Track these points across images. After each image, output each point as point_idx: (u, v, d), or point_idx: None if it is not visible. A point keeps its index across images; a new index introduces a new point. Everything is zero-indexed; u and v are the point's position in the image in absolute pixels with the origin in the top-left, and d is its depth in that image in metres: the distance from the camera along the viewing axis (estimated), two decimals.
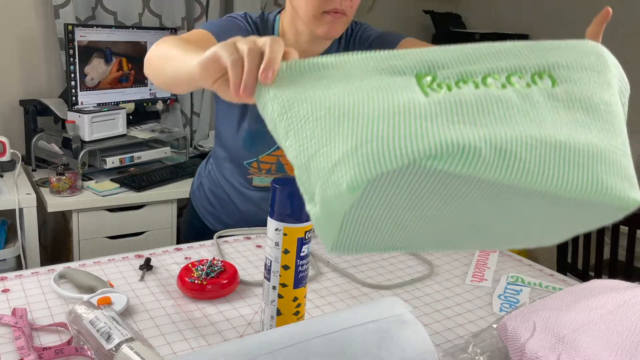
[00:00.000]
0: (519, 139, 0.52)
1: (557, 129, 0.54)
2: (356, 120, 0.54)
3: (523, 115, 0.55)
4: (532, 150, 0.52)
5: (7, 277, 0.93)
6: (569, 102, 0.57)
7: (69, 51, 2.07)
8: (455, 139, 0.50)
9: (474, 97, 0.55)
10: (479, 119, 0.54)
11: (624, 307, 0.73)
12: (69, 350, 0.72)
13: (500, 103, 0.55)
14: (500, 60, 0.60)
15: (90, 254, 1.97)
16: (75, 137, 2.01)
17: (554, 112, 0.56)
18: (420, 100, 0.55)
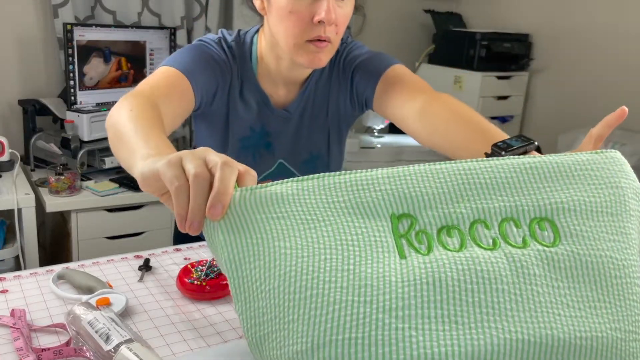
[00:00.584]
0: (506, 346, 0.44)
1: (555, 321, 0.46)
2: (314, 305, 0.46)
3: (514, 301, 0.46)
4: (520, 358, 0.45)
5: (5, 277, 0.92)
6: (573, 271, 0.48)
7: (68, 50, 2.07)
8: (431, 355, 0.43)
9: (457, 272, 0.47)
10: (459, 312, 0.45)
11: None
12: (67, 351, 0.72)
13: (487, 283, 0.47)
14: (495, 196, 0.51)
15: (89, 254, 1.97)
16: (74, 137, 2.01)
17: (554, 290, 0.47)
18: (392, 280, 0.46)
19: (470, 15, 3.17)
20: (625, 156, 2.06)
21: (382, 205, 0.50)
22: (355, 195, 0.51)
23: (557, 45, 2.84)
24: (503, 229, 0.50)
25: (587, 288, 0.48)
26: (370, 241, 0.49)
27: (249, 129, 1.08)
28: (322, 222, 0.50)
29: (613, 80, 2.64)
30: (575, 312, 0.47)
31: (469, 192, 0.51)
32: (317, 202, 0.51)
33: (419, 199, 0.50)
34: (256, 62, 1.07)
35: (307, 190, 0.51)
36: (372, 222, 0.49)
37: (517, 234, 0.49)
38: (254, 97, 1.07)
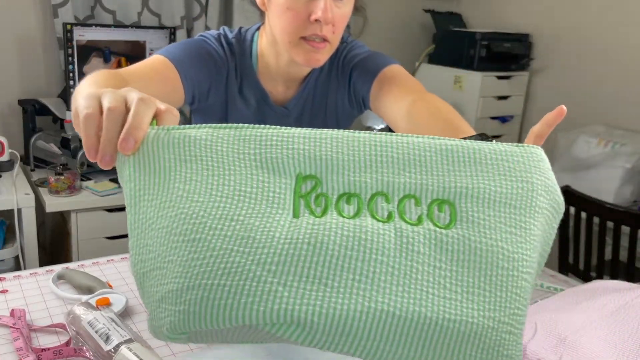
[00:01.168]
0: (369, 314, 0.45)
1: (427, 299, 0.46)
2: (194, 249, 0.47)
3: (390, 273, 0.46)
4: (381, 329, 0.45)
5: (5, 277, 0.92)
6: (459, 255, 0.48)
7: (68, 50, 2.07)
8: (291, 311, 0.44)
9: (340, 237, 0.47)
10: (331, 276, 0.46)
11: (626, 308, 0.73)
12: (67, 351, 0.72)
13: (367, 252, 0.47)
14: (403, 171, 0.51)
15: (89, 254, 1.97)
16: (74, 137, 2.00)
17: (434, 270, 0.47)
18: (276, 235, 0.47)
19: (470, 15, 3.17)
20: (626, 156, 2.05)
21: (290, 164, 0.50)
22: (267, 150, 0.51)
23: (557, 45, 2.84)
24: (402, 205, 0.50)
25: (469, 274, 0.47)
26: (267, 196, 0.49)
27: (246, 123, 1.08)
28: (226, 171, 0.50)
29: (613, 80, 2.64)
30: (451, 295, 0.46)
31: (378, 164, 0.51)
32: (227, 150, 0.51)
33: (328, 162, 0.51)
34: (256, 59, 1.07)
35: (221, 138, 0.51)
36: (277, 179, 0.50)
37: (414, 211, 0.50)
38: (253, 94, 1.07)
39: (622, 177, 2.23)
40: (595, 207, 1.90)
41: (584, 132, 2.48)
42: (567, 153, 2.47)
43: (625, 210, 1.82)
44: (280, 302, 0.45)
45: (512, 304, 0.47)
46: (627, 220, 1.81)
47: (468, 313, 0.46)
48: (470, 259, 0.48)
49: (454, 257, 0.48)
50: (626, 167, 2.22)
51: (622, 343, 0.66)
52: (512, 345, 0.47)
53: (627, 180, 2.24)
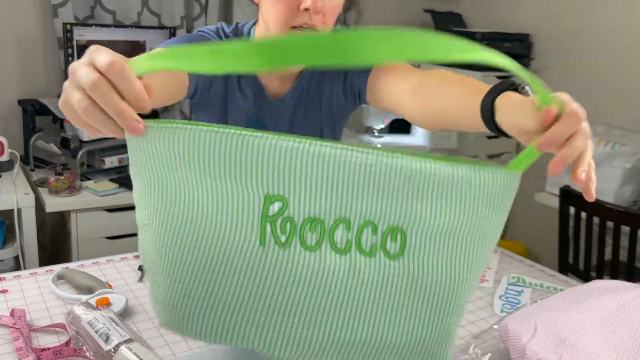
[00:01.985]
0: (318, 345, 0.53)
1: (370, 326, 0.53)
2: (178, 266, 0.52)
3: (341, 307, 0.53)
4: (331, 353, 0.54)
5: (5, 277, 0.92)
6: (403, 285, 0.53)
7: (68, 50, 2.07)
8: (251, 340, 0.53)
9: (302, 276, 0.52)
10: (292, 309, 0.52)
11: (626, 308, 0.73)
12: (67, 351, 0.72)
13: (325, 291, 0.52)
14: (366, 196, 0.52)
15: (88, 254, 1.97)
16: (74, 137, 2.00)
17: (379, 300, 0.53)
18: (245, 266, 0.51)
19: (470, 15, 3.17)
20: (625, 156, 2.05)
21: (260, 183, 0.52)
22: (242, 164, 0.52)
23: (557, 45, 2.84)
24: (360, 233, 0.53)
25: (410, 300, 0.53)
26: (239, 217, 0.52)
27: (245, 118, 1.09)
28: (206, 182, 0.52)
29: (613, 81, 2.64)
30: (392, 319, 0.53)
31: (343, 186, 0.52)
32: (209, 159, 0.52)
33: (296, 182, 0.52)
34: None
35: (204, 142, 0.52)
36: (247, 198, 0.52)
37: (370, 240, 0.53)
38: (250, 87, 1.08)
39: (622, 177, 2.23)
40: (595, 207, 1.90)
41: None
42: None
43: (625, 210, 1.82)
44: (244, 332, 0.53)
45: (444, 322, 0.55)
46: (627, 220, 1.81)
47: (404, 334, 0.54)
48: (412, 287, 0.53)
49: (398, 286, 0.53)
50: (626, 167, 2.22)
51: (622, 343, 0.66)
52: (440, 351, 0.56)
53: (627, 180, 2.24)
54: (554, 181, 2.45)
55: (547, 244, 2.99)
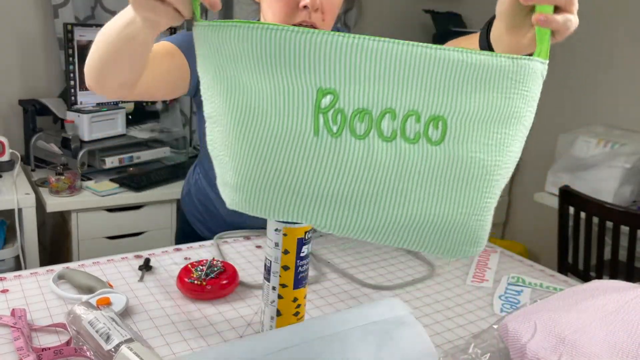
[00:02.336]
0: (369, 229, 0.60)
1: (416, 206, 0.59)
2: (245, 152, 0.58)
3: (389, 190, 0.58)
4: (381, 221, 0.59)
5: (6, 277, 0.93)
6: (444, 167, 0.59)
7: (68, 51, 2.07)
8: (312, 219, 0.59)
9: (354, 162, 0.57)
10: (346, 193, 0.58)
11: (626, 308, 0.73)
12: (68, 351, 0.72)
13: (374, 175, 0.58)
14: (410, 87, 0.57)
15: (89, 254, 1.97)
16: (75, 137, 2.01)
17: (423, 182, 0.59)
18: (302, 154, 0.57)
19: (470, 15, 3.17)
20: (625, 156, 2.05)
21: (314, 77, 0.56)
22: (296, 60, 0.56)
23: (557, 45, 2.84)
24: (404, 122, 0.57)
25: (450, 181, 0.58)
26: (295, 108, 0.56)
27: None
28: (267, 76, 0.57)
29: (613, 80, 2.64)
30: (435, 200, 0.59)
31: (390, 78, 0.56)
32: (266, 53, 0.56)
33: (347, 76, 0.56)
34: None
35: (260, 39, 0.56)
36: (302, 91, 0.56)
37: (414, 128, 0.58)
38: None
39: (622, 177, 2.23)
40: (594, 207, 1.90)
41: (583, 132, 2.48)
42: (567, 153, 2.47)
43: (625, 210, 1.82)
44: (304, 212, 0.59)
45: (482, 200, 0.60)
46: (627, 220, 1.81)
47: (446, 212, 0.59)
48: (452, 169, 0.58)
49: (440, 169, 0.58)
50: (626, 167, 2.22)
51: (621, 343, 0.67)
52: (479, 229, 0.61)
53: (626, 180, 2.24)
54: (554, 181, 2.45)
55: (546, 244, 2.99)
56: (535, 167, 3.03)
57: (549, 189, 2.48)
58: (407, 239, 0.61)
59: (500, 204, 3.14)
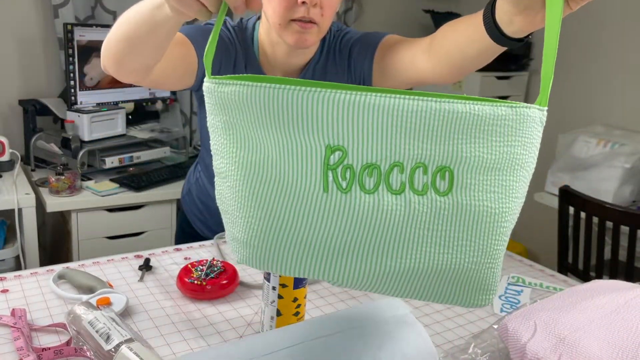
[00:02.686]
0: (379, 275, 0.60)
1: (425, 257, 0.60)
2: (254, 211, 0.59)
3: (398, 242, 0.59)
4: (390, 281, 0.61)
5: (6, 277, 0.93)
6: (452, 218, 0.59)
7: (68, 51, 2.07)
8: (320, 273, 0.61)
9: (363, 217, 0.58)
10: (355, 246, 0.59)
11: (625, 308, 0.73)
12: (68, 350, 0.72)
13: (383, 228, 0.58)
14: (416, 140, 0.57)
15: (89, 254, 1.97)
16: (75, 137, 2.01)
17: (432, 234, 0.59)
18: (312, 211, 0.58)
19: None
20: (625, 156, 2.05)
21: (321, 134, 0.57)
22: (303, 117, 0.56)
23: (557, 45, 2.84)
24: (412, 174, 0.58)
25: (459, 231, 0.59)
26: (304, 166, 0.58)
27: None
28: (274, 133, 0.57)
29: (613, 80, 2.64)
30: (444, 250, 0.59)
31: (396, 133, 0.57)
32: (276, 111, 0.56)
33: (355, 133, 0.57)
34: (257, 48, 1.11)
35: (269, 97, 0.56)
36: (310, 148, 0.57)
37: (421, 180, 0.58)
38: (257, 70, 1.12)
39: (622, 177, 2.23)
40: (594, 207, 1.90)
41: (583, 132, 2.48)
42: (567, 153, 2.47)
43: (625, 210, 1.82)
44: (315, 267, 0.60)
45: (492, 248, 0.60)
46: (626, 220, 1.81)
47: (456, 262, 0.60)
48: (461, 219, 0.59)
49: (448, 219, 0.59)
50: (625, 167, 2.22)
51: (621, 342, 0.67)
52: (490, 277, 0.61)
53: (626, 180, 2.24)
54: (554, 181, 2.45)
55: (546, 244, 3.00)
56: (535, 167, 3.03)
57: (549, 189, 2.48)
58: (419, 291, 0.62)
59: None
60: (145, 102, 2.40)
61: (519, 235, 3.16)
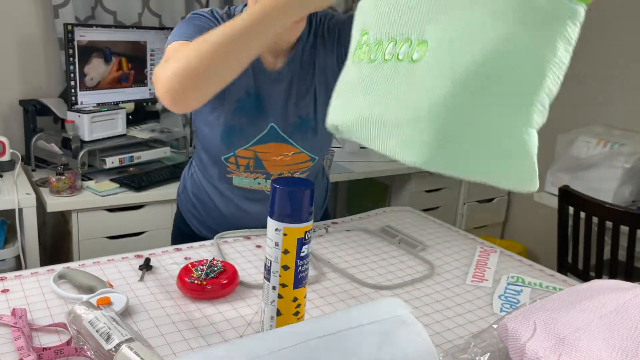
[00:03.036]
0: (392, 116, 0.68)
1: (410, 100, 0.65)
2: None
3: (392, 90, 0.67)
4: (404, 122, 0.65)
5: (6, 277, 0.93)
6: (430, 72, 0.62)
7: (69, 51, 2.07)
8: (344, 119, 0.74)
9: (378, 75, 0.69)
10: (377, 93, 0.69)
11: (625, 308, 0.73)
12: (68, 350, 0.72)
13: (383, 79, 0.69)
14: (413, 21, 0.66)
15: (89, 254, 1.97)
16: (75, 137, 2.01)
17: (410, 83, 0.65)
18: (345, 75, 0.77)
19: None
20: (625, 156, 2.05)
21: (360, 25, 0.76)
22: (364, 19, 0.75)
23: None
24: (401, 46, 0.67)
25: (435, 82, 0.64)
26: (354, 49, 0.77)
27: (244, 92, 1.12)
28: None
29: (613, 81, 2.64)
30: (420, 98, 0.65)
31: (408, 15, 0.67)
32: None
33: (377, 19, 0.71)
34: None
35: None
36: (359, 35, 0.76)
37: (407, 50, 0.66)
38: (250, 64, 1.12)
39: (621, 177, 2.23)
40: (594, 207, 1.90)
41: (583, 132, 2.48)
42: (567, 153, 2.47)
43: (624, 210, 1.82)
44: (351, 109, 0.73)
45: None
46: (626, 220, 1.81)
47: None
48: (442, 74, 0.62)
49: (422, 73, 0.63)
50: (625, 167, 2.22)
51: (620, 342, 0.67)
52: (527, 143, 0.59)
53: (626, 181, 2.24)
54: (554, 181, 2.46)
55: (546, 244, 3.00)
56: None
57: (548, 189, 2.48)
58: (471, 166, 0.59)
59: (500, 203, 3.14)
60: (146, 103, 2.40)
61: (518, 235, 3.16)
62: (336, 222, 1.32)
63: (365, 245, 1.18)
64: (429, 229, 1.31)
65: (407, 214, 1.41)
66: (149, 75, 2.37)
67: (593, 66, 2.71)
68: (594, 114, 2.73)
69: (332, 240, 1.20)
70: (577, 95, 2.79)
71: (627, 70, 2.58)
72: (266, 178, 1.19)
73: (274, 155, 1.15)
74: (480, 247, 1.21)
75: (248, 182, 1.20)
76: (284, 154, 1.15)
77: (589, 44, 2.70)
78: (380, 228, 1.28)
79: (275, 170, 1.17)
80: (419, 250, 1.17)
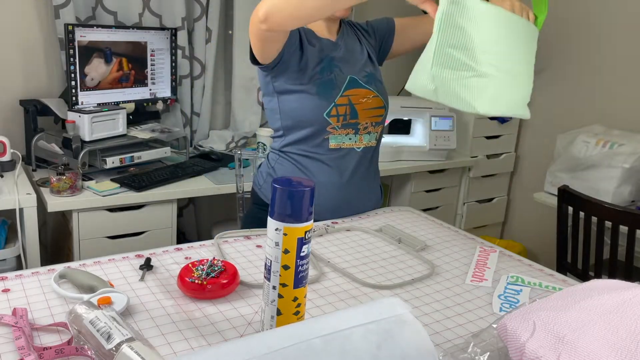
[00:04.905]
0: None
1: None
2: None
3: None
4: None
5: (7, 277, 0.93)
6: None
7: (69, 51, 2.07)
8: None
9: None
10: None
11: (624, 307, 0.73)
12: (69, 350, 0.72)
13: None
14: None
15: (90, 253, 1.97)
16: (76, 137, 2.01)
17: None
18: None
19: None
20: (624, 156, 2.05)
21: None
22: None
23: (557, 45, 2.84)
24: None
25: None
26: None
27: (318, 59, 1.38)
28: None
29: (612, 81, 2.64)
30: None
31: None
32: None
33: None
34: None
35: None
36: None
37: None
38: (315, 39, 1.41)
39: (621, 177, 2.23)
40: (593, 206, 1.90)
41: (582, 132, 2.49)
42: (566, 153, 2.47)
43: (623, 210, 1.82)
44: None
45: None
46: (625, 220, 1.81)
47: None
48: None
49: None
50: (624, 167, 2.22)
51: (620, 341, 0.67)
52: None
53: (625, 180, 2.25)
54: (553, 181, 2.46)
55: (545, 244, 3.00)
56: (534, 167, 3.03)
57: (548, 189, 2.48)
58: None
59: (500, 203, 3.14)
60: (146, 103, 2.41)
61: (518, 235, 3.16)
62: (336, 222, 1.32)
63: (365, 245, 1.18)
64: (429, 229, 1.31)
65: (407, 214, 1.41)
66: (149, 76, 2.37)
67: (592, 67, 2.71)
68: (593, 114, 2.73)
69: (332, 240, 1.20)
70: (576, 95, 2.79)
71: (626, 70, 2.58)
72: (355, 133, 1.38)
73: (361, 97, 1.38)
74: (480, 247, 1.21)
75: (342, 140, 1.37)
76: (367, 96, 1.39)
77: (588, 45, 2.70)
78: (380, 228, 1.28)
79: (364, 118, 1.38)
80: (419, 250, 1.17)
